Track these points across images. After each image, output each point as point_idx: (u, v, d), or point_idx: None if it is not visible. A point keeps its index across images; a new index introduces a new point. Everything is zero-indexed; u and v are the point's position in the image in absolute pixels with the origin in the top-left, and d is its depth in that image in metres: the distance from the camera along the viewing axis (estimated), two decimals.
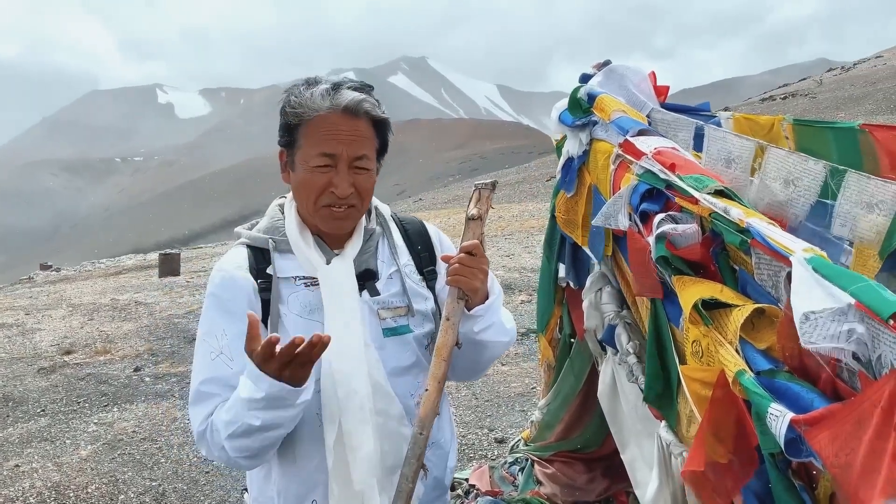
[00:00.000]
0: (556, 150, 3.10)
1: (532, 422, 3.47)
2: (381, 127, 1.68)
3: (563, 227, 2.98)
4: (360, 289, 1.68)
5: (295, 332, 1.58)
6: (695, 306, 1.73)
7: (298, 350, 1.40)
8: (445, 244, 1.90)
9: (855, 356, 1.31)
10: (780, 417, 1.37)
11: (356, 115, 1.60)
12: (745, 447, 1.64)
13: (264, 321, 1.63)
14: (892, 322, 1.17)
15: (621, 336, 2.58)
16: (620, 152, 2.43)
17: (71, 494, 4.33)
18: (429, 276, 1.81)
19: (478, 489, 3.50)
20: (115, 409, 6.02)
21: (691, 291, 1.80)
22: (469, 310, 1.67)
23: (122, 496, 4.29)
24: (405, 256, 1.80)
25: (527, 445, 3.53)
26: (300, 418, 1.60)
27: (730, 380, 1.56)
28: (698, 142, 2.63)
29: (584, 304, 2.77)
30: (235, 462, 1.57)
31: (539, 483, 3.28)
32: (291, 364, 1.42)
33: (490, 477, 3.64)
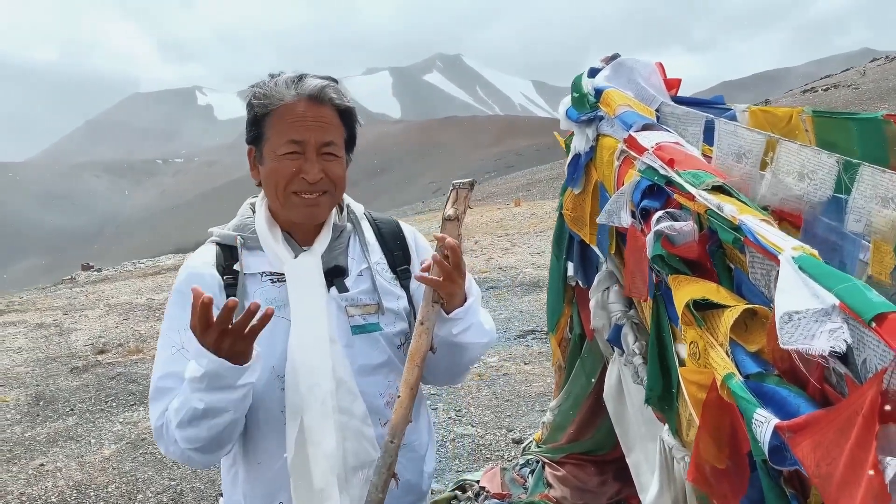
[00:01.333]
0: (565, 147, 3.05)
1: (544, 423, 3.41)
2: (347, 117, 1.67)
3: (571, 224, 2.92)
4: (329, 285, 1.66)
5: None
6: (687, 306, 1.68)
7: (236, 321, 1.37)
8: (421, 244, 1.87)
9: (843, 359, 1.25)
10: (764, 423, 1.32)
11: (321, 101, 1.61)
12: (738, 454, 1.59)
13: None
14: (873, 325, 1.11)
15: (627, 336, 2.53)
16: (624, 148, 2.38)
17: (91, 494, 4.39)
18: (402, 275, 1.78)
19: (487, 491, 3.46)
20: (142, 409, 6.10)
21: (685, 291, 1.74)
22: (448, 313, 1.64)
23: (141, 495, 4.34)
24: (377, 254, 1.77)
25: (538, 447, 3.48)
26: (266, 418, 1.59)
27: (718, 383, 1.50)
28: (709, 136, 2.56)
29: (591, 304, 2.71)
30: (189, 457, 1.54)
31: (549, 486, 3.22)
32: (230, 336, 1.39)
33: (501, 479, 3.59)
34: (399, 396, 1.55)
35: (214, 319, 1.37)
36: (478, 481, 3.65)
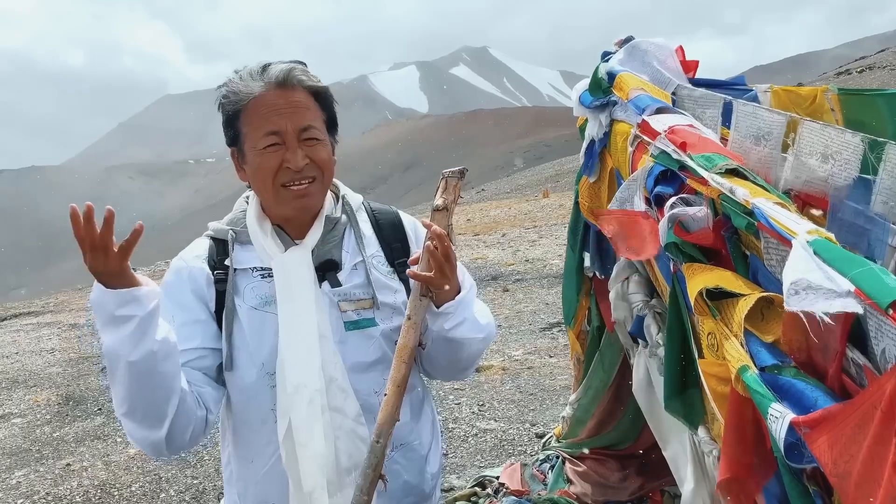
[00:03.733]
0: (580, 133, 2.97)
1: (563, 417, 3.34)
2: (322, 98, 1.62)
3: (587, 214, 2.85)
4: (321, 280, 1.61)
5: (249, 324, 1.55)
6: (700, 295, 1.60)
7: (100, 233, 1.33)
8: (421, 235, 1.80)
9: (861, 348, 1.18)
10: (780, 419, 1.24)
11: (290, 86, 1.56)
12: (764, 448, 1.51)
13: (218, 312, 1.59)
14: (891, 312, 1.02)
15: (651, 327, 2.45)
16: (638, 133, 2.30)
17: (115, 493, 4.42)
18: (400, 269, 1.71)
19: (507, 487, 3.40)
20: None
21: (699, 280, 1.67)
22: (438, 306, 1.57)
23: (164, 494, 4.36)
24: (373, 247, 1.71)
25: (558, 442, 3.41)
26: (255, 415, 1.57)
27: (732, 377, 1.43)
28: (727, 118, 2.47)
29: (611, 295, 2.63)
30: (128, 430, 1.48)
31: (569, 482, 3.15)
32: (97, 251, 1.34)
33: (521, 475, 3.52)
34: (385, 394, 1.49)
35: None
36: (497, 477, 3.60)
